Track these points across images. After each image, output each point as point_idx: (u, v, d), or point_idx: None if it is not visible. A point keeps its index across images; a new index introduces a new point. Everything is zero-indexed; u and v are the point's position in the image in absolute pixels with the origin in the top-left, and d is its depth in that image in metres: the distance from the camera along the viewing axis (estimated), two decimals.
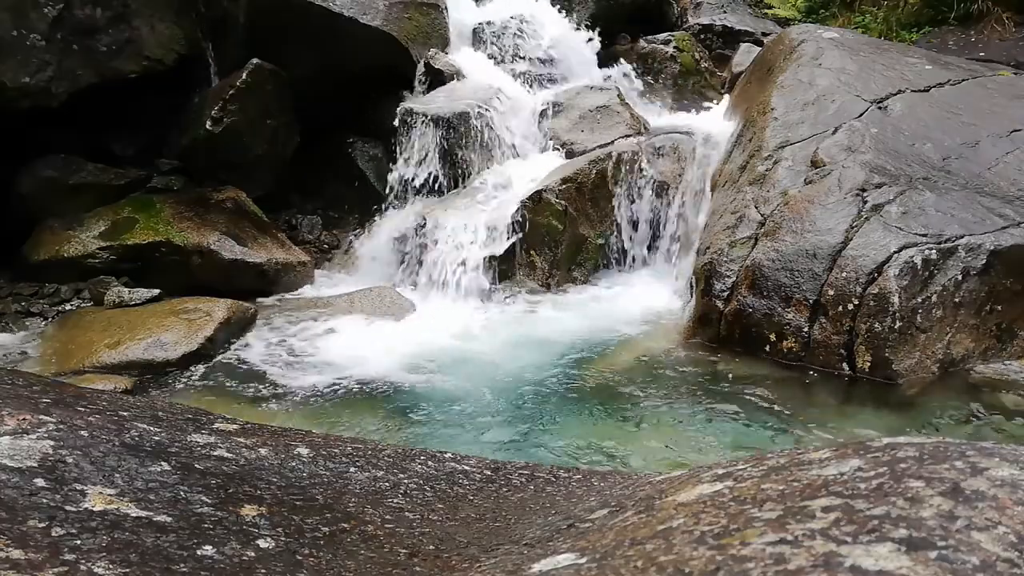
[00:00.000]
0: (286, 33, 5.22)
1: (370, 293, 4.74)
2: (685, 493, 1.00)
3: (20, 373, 1.70)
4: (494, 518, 1.23)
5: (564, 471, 1.51)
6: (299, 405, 3.64)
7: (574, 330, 4.36)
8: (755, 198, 4.45)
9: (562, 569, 0.86)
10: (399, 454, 1.49)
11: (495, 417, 3.52)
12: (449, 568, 1.03)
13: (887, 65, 5.28)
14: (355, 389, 3.77)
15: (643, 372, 3.92)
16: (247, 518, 1.09)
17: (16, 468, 1.04)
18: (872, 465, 0.89)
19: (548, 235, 4.96)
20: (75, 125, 4.88)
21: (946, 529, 0.72)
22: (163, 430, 1.34)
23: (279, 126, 5.31)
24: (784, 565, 0.70)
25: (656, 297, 4.79)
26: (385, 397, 3.70)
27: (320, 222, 5.57)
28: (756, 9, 7.85)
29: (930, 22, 7.37)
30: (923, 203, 4.07)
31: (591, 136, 5.46)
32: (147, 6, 4.91)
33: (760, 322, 4.01)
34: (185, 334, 4.01)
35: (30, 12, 4.54)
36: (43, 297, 4.56)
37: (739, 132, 5.25)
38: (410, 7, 5.68)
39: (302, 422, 3.40)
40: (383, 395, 3.72)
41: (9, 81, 4.51)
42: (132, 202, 4.91)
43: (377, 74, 5.44)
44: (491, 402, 3.65)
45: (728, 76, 6.75)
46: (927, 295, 3.76)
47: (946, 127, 4.74)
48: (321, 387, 3.79)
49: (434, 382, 3.82)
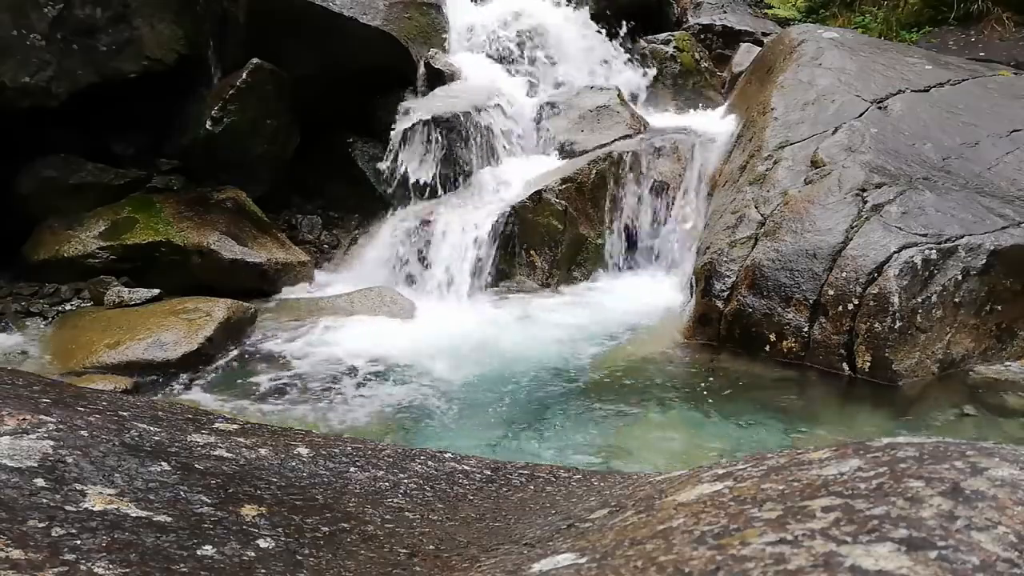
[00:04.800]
0: (286, 33, 5.22)
1: (370, 293, 4.73)
2: (685, 493, 1.00)
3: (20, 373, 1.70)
4: (494, 518, 1.23)
5: (564, 471, 1.51)
6: (299, 405, 3.64)
7: (574, 330, 4.36)
8: (755, 198, 4.45)
9: (562, 569, 0.86)
10: (399, 454, 1.49)
11: (495, 417, 3.52)
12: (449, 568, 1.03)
13: (887, 65, 5.28)
14: (355, 388, 3.77)
15: (643, 372, 3.92)
16: (247, 518, 1.09)
17: (16, 468, 1.04)
18: (872, 465, 0.89)
19: (548, 235, 4.96)
20: (75, 125, 4.88)
21: (946, 529, 0.72)
22: (163, 430, 1.34)
23: (279, 126, 5.31)
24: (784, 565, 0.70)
25: (656, 297, 4.79)
26: (385, 396, 3.70)
27: (320, 222, 5.57)
28: (756, 9, 7.84)
29: (930, 22, 7.36)
30: (923, 203, 4.07)
31: (591, 136, 5.46)
32: (147, 6, 4.91)
33: (760, 322, 4.01)
34: (185, 334, 4.01)
35: (30, 12, 4.53)
36: (43, 297, 4.56)
37: (739, 132, 5.25)
38: (410, 7, 5.67)
39: (302, 422, 3.40)
40: (383, 395, 3.72)
41: (9, 81, 4.51)
42: (132, 202, 4.90)
43: (377, 74, 5.44)
44: (491, 402, 3.65)
45: (728, 76, 6.75)
46: (927, 295, 3.76)
47: (946, 127, 4.74)
48: (321, 386, 3.79)
49: (434, 382, 3.82)
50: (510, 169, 5.33)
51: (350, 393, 3.74)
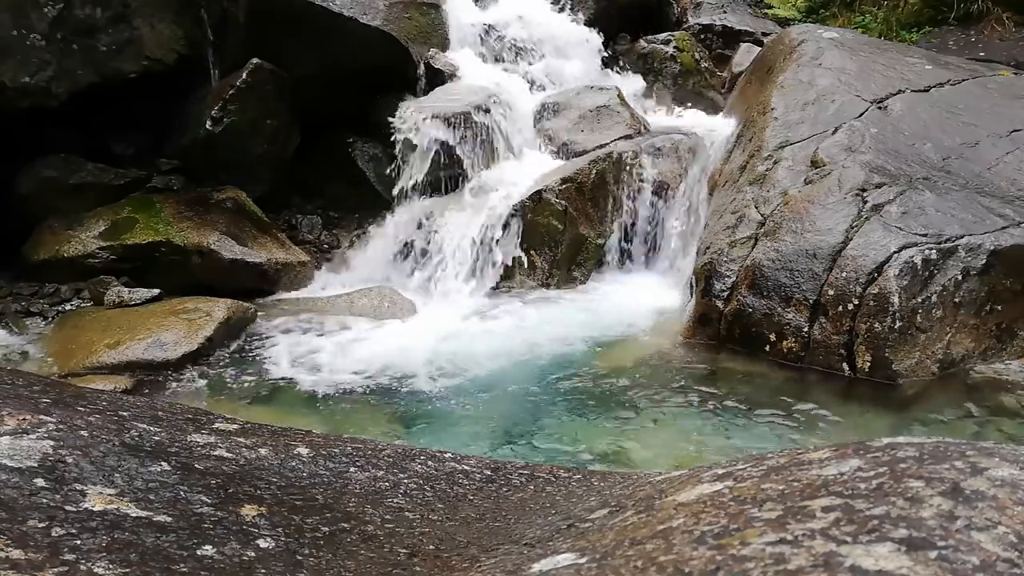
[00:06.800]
0: (286, 33, 5.22)
1: (370, 293, 4.73)
2: (685, 493, 1.00)
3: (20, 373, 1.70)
4: (494, 518, 1.23)
5: (564, 471, 1.51)
6: (299, 405, 3.64)
7: (574, 330, 4.36)
8: (755, 198, 4.45)
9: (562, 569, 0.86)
10: (399, 454, 1.49)
11: (495, 417, 3.52)
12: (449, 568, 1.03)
13: (887, 65, 5.29)
14: (355, 389, 3.77)
15: (643, 372, 3.92)
16: (247, 518, 1.09)
17: (16, 468, 1.04)
18: (872, 465, 0.89)
19: (548, 235, 4.96)
20: (75, 125, 4.88)
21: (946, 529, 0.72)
22: (163, 430, 1.34)
23: (279, 126, 5.31)
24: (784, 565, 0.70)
25: (656, 297, 4.79)
26: (385, 396, 3.70)
27: (320, 222, 5.57)
28: (756, 9, 7.84)
29: (930, 22, 7.36)
30: (923, 203, 4.07)
31: (591, 136, 5.46)
32: (147, 6, 4.91)
33: (760, 322, 4.01)
34: (185, 334, 4.01)
35: (30, 12, 4.53)
36: (43, 297, 4.56)
37: (739, 132, 5.25)
38: (410, 7, 5.67)
39: (302, 422, 3.40)
40: (383, 394, 3.72)
41: (9, 81, 4.50)
42: (132, 202, 4.90)
43: (377, 74, 5.43)
44: (491, 402, 3.65)
45: (728, 76, 6.75)
46: (927, 295, 3.76)
47: (946, 127, 4.74)
48: (321, 387, 3.79)
49: (434, 382, 3.82)
50: (510, 169, 5.32)
51: (350, 393, 3.74)
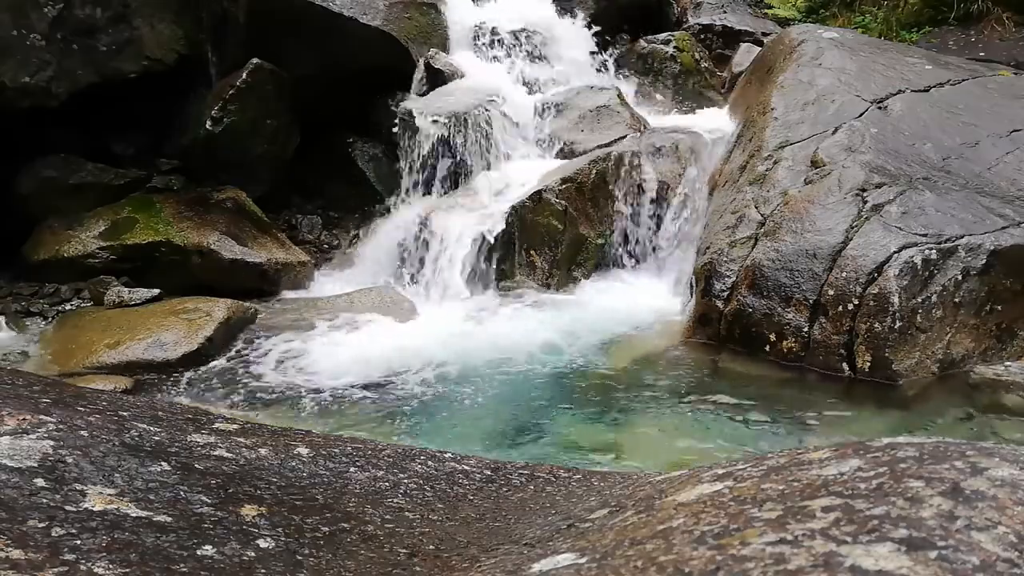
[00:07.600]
0: (286, 33, 5.22)
1: (370, 293, 4.73)
2: (685, 493, 1.00)
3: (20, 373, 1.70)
4: (494, 518, 1.23)
5: (564, 471, 1.51)
6: (299, 405, 3.64)
7: (574, 330, 4.36)
8: (755, 198, 4.45)
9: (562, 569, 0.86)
10: (399, 454, 1.49)
11: (495, 417, 3.52)
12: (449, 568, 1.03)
13: (887, 65, 5.28)
14: (355, 389, 3.77)
15: (643, 372, 3.92)
16: (247, 518, 1.09)
17: (16, 468, 1.04)
18: (872, 465, 0.89)
19: (548, 235, 4.96)
20: (75, 125, 4.88)
21: (946, 529, 0.72)
22: (163, 430, 1.34)
23: (279, 126, 5.31)
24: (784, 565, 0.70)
25: (656, 297, 4.79)
26: (385, 396, 3.70)
27: (320, 222, 5.57)
28: (756, 9, 7.84)
29: (930, 22, 7.36)
30: (923, 203, 4.07)
31: (591, 136, 5.46)
32: (147, 6, 4.91)
33: (760, 322, 4.01)
34: (185, 334, 4.01)
35: (30, 12, 4.53)
36: (43, 297, 4.56)
37: (739, 132, 5.25)
38: (410, 7, 5.68)
39: (302, 422, 3.40)
40: (383, 394, 3.72)
41: (9, 81, 4.51)
42: (132, 202, 4.90)
43: (377, 74, 5.43)
44: (491, 402, 3.65)
45: (728, 76, 6.75)
46: (927, 295, 3.76)
47: (946, 127, 4.74)
48: (321, 387, 3.78)
49: (434, 382, 3.82)
50: (510, 169, 5.32)
51: (350, 393, 3.73)
